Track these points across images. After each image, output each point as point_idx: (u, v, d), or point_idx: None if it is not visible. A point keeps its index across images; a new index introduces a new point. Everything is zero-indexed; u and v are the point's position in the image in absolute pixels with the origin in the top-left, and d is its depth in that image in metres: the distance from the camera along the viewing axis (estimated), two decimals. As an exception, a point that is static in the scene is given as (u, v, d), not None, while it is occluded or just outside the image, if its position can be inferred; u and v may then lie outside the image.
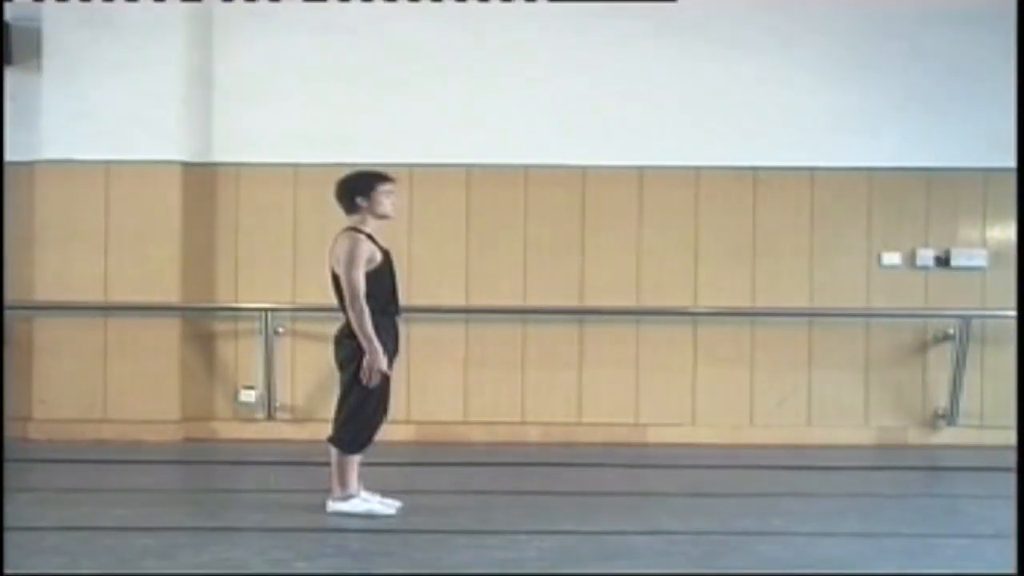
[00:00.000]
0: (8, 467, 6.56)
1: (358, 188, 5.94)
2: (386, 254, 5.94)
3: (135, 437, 8.42)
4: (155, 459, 7.95)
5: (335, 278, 5.87)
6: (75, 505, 6.16)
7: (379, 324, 5.79)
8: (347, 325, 5.85)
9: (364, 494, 5.97)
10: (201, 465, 7.99)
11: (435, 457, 8.02)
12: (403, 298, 6.10)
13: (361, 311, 5.73)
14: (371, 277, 5.81)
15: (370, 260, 5.83)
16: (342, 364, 5.91)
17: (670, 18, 8.61)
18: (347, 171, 6.09)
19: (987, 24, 8.50)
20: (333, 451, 5.94)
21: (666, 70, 8.70)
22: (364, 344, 5.73)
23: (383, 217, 5.96)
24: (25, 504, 6.07)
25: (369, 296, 5.77)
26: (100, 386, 8.52)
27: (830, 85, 8.69)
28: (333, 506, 5.92)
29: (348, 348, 5.85)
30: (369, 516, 5.84)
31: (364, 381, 5.75)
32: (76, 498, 6.39)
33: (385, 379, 5.84)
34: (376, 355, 5.73)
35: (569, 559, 5.16)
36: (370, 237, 5.88)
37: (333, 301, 8.07)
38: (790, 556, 5.19)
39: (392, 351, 5.91)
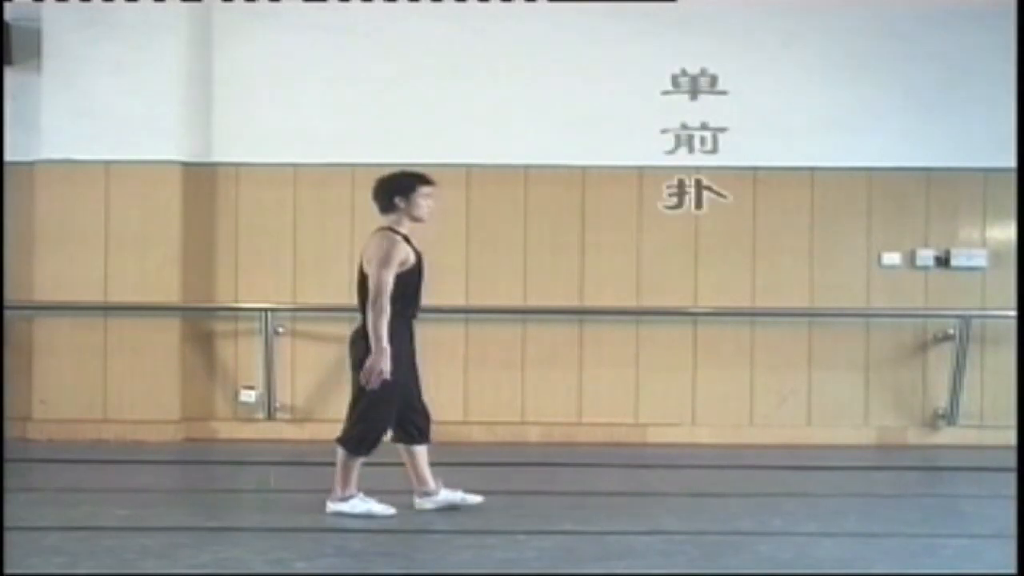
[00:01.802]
0: (8, 467, 6.56)
1: (398, 188, 5.90)
2: (419, 257, 5.91)
3: (135, 437, 8.42)
4: (155, 459, 7.95)
5: (363, 277, 5.82)
6: (75, 505, 6.16)
7: (396, 328, 5.75)
8: (363, 326, 5.79)
9: (443, 491, 6.04)
10: (201, 465, 7.99)
11: (435, 457, 7.99)
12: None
13: (381, 311, 5.67)
14: (402, 278, 5.77)
15: (404, 262, 5.79)
16: (355, 365, 5.85)
17: (670, 18, 8.61)
18: (389, 170, 6.04)
19: (987, 24, 8.50)
20: (340, 451, 5.92)
21: (666, 70, 8.70)
22: (372, 343, 5.68)
23: (418, 220, 5.93)
24: (25, 504, 6.07)
25: (394, 298, 5.72)
26: (100, 386, 8.52)
27: (830, 85, 8.69)
28: (332, 507, 5.92)
29: (363, 349, 5.78)
30: (368, 516, 5.84)
31: (362, 382, 5.73)
32: (76, 498, 6.38)
33: (401, 384, 5.80)
34: (382, 356, 5.68)
35: (569, 559, 5.17)
36: (406, 239, 5.86)
37: (332, 301, 8.09)
38: (790, 556, 5.20)
39: (410, 353, 5.90)
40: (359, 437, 5.86)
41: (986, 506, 6.45)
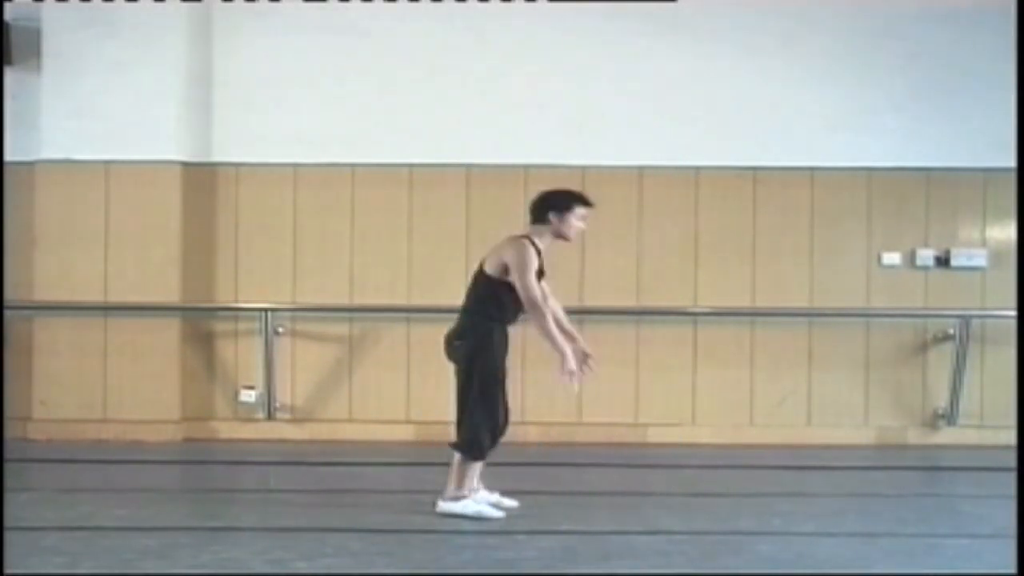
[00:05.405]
0: (8, 467, 6.56)
1: (555, 204, 5.94)
2: (541, 273, 5.92)
3: (135, 437, 8.43)
4: (155, 459, 7.95)
5: (479, 276, 5.86)
6: (75, 505, 6.16)
7: (497, 331, 5.85)
8: (460, 327, 5.88)
9: (482, 492, 5.99)
10: (201, 465, 7.99)
11: (435, 457, 7.98)
12: (403, 298, 6.09)
13: (542, 315, 5.74)
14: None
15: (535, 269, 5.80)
16: (460, 365, 5.90)
17: (670, 18, 8.62)
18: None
19: (987, 24, 8.51)
20: (456, 456, 5.92)
21: (666, 70, 8.70)
22: (552, 346, 5.74)
23: (563, 238, 5.97)
24: (25, 504, 6.07)
25: (501, 300, 5.79)
26: (100, 386, 8.52)
27: (831, 84, 8.70)
28: (443, 505, 5.91)
29: (460, 350, 5.86)
30: (478, 518, 5.83)
31: (564, 382, 5.71)
32: (76, 498, 6.38)
33: (500, 382, 5.87)
34: (565, 358, 5.71)
35: (569, 559, 5.17)
36: (539, 253, 5.88)
37: (332, 301, 8.09)
38: (790, 556, 5.20)
39: (504, 355, 5.94)
40: (472, 440, 5.85)
41: (986, 506, 6.44)
